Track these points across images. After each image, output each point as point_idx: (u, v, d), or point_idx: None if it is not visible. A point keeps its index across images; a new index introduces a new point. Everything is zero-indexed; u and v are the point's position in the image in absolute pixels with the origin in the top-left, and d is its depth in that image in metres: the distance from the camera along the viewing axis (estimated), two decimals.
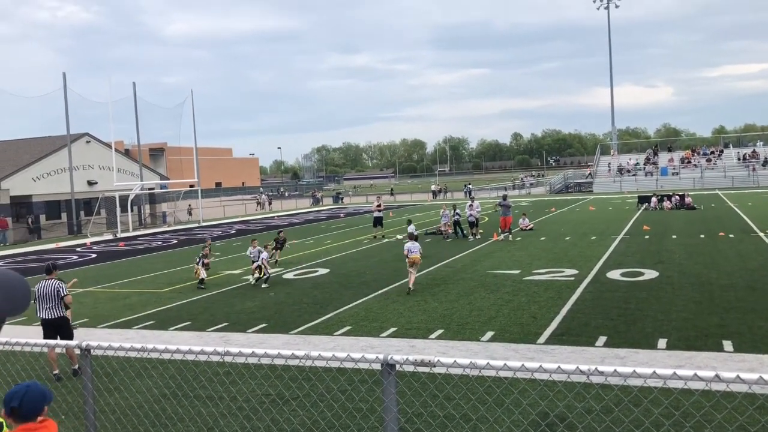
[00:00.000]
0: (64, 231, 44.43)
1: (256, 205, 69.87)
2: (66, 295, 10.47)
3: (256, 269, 18.02)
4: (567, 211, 40.91)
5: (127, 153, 61.25)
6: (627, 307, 12.88)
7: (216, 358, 9.36)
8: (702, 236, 23.95)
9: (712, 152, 69.60)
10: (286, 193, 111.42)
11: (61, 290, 10.41)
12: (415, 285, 15.81)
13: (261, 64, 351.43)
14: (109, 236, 41.16)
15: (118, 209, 43.27)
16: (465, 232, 27.57)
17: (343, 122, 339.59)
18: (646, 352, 9.88)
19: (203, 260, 18.41)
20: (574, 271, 17.47)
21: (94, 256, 29.63)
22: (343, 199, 77.51)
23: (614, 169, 68.08)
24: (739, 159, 65.93)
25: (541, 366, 3.79)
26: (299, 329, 12.67)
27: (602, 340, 10.67)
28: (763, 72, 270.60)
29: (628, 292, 14.35)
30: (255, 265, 18.14)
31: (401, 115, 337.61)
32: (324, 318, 13.48)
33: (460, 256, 21.72)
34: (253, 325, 13.26)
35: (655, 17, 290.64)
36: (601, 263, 18.70)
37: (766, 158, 64.24)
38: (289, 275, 19.36)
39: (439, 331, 11.84)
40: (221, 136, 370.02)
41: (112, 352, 4.93)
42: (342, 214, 49.57)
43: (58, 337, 10.12)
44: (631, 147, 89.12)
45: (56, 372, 10.23)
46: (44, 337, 10.14)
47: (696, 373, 3.47)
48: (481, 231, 27.97)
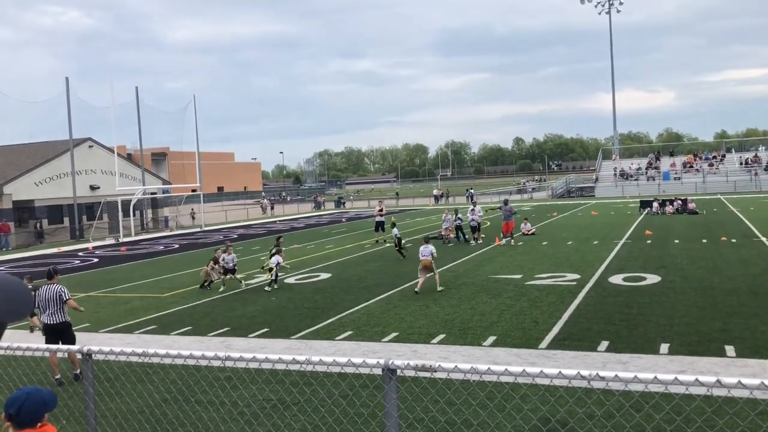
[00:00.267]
0: (66, 236, 44.51)
1: (261, 210, 69.66)
2: (68, 299, 10.49)
3: (225, 275, 18.43)
4: (569, 215, 40.88)
5: (130, 157, 61.33)
6: (629, 312, 12.85)
7: (217, 363, 9.35)
8: (704, 241, 23.92)
9: (714, 157, 69.53)
10: (288, 198, 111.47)
11: (63, 295, 10.43)
12: (422, 288, 16.03)
13: (263, 69, 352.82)
14: (111, 241, 41.20)
15: (120, 214, 43.32)
16: (467, 237, 27.56)
17: (346, 127, 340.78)
18: (648, 357, 9.85)
19: (215, 263, 18.93)
20: (576, 276, 17.45)
21: (96, 260, 29.65)
22: (344, 203, 77.53)
23: (617, 174, 68.04)
24: (741, 163, 65.84)
25: (543, 371, 3.79)
26: (300, 334, 12.65)
27: (604, 345, 10.65)
28: (765, 76, 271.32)
29: (630, 297, 14.32)
30: (229, 274, 18.47)
31: (403, 120, 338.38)
32: (325, 323, 13.47)
33: (461, 260, 21.70)
34: (254, 329, 13.25)
35: (657, 22, 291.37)
36: (603, 268, 18.68)
37: None
38: (291, 280, 19.36)
39: (441, 336, 11.82)
40: (223, 140, 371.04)
41: (114, 356, 4.93)
42: (344, 219, 49.58)
43: (60, 341, 10.12)
44: (633, 151, 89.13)
45: (57, 377, 10.23)
46: (46, 342, 10.14)
47: (697, 379, 3.46)
48: (483, 235, 27.95)
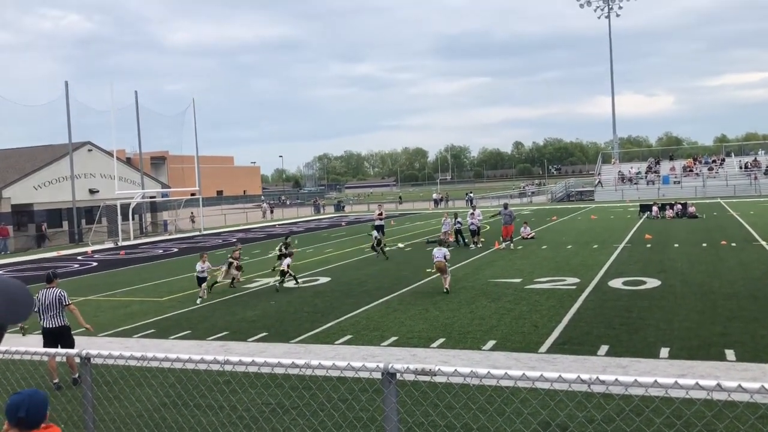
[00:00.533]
0: (65, 239, 44.48)
1: (261, 213, 69.55)
2: (68, 304, 10.49)
3: (201, 286, 17.73)
4: (568, 219, 40.87)
5: (129, 161, 61.34)
6: (629, 316, 12.84)
7: (216, 367, 9.32)
8: (704, 245, 23.91)
9: (714, 161, 69.55)
10: (288, 202, 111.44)
11: (63, 299, 10.43)
12: (450, 286, 16.61)
13: (263, 73, 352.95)
14: (110, 244, 41.18)
15: (120, 217, 43.31)
16: (466, 241, 27.56)
17: (345, 131, 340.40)
18: (648, 361, 9.84)
19: (234, 262, 19.44)
20: (576, 280, 17.44)
21: (95, 264, 29.63)
22: (344, 207, 77.53)
23: (616, 178, 68.06)
24: (741, 168, 65.88)
25: (542, 375, 3.77)
26: (300, 338, 12.64)
27: (604, 349, 10.63)
28: (765, 81, 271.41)
29: (630, 301, 14.31)
30: (210, 281, 18.07)
31: (403, 124, 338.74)
32: (325, 327, 13.45)
33: (461, 264, 21.67)
34: (253, 333, 13.23)
35: (656, 26, 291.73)
36: (602, 272, 18.66)
37: None
38: (290, 284, 19.34)
39: (441, 340, 11.81)
40: (223, 144, 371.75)
41: (112, 360, 4.92)
42: (343, 223, 49.57)
43: (60, 345, 10.10)
44: (633, 155, 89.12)
45: (56, 381, 10.20)
46: (44, 346, 10.12)
47: (698, 382, 3.45)
48: (483, 239, 27.95)
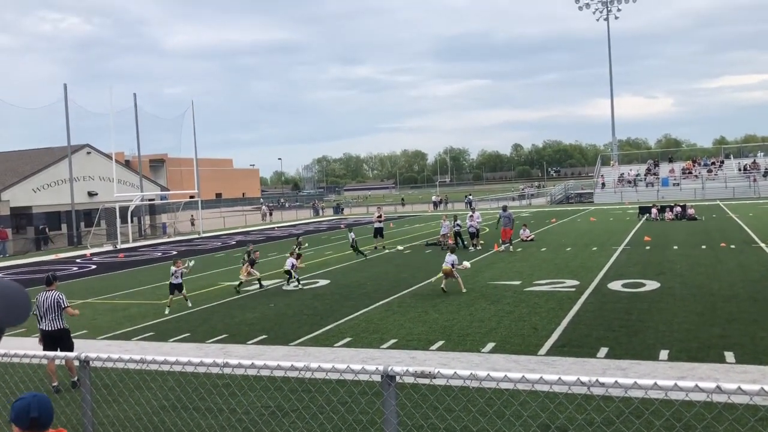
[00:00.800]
0: (64, 242, 44.44)
1: (261, 216, 69.47)
2: (66, 307, 10.47)
3: (172, 294, 16.76)
4: (568, 221, 40.88)
5: (128, 164, 61.38)
6: (628, 318, 12.84)
7: (215, 370, 9.32)
8: (703, 247, 23.92)
9: (713, 163, 69.63)
10: (287, 204, 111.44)
11: (62, 302, 10.41)
12: (465, 287, 16.93)
13: (262, 75, 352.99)
14: (109, 247, 41.16)
15: (118, 220, 43.31)
16: (465, 243, 27.56)
17: (344, 133, 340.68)
18: (647, 364, 9.83)
19: (252, 263, 19.73)
20: (576, 282, 17.43)
21: (94, 267, 29.61)
22: (343, 209, 77.52)
23: (615, 180, 68.10)
24: (740, 170, 65.96)
25: (542, 377, 3.77)
26: (299, 341, 12.62)
27: (604, 351, 10.62)
28: (763, 83, 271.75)
29: (630, 303, 14.31)
30: (176, 291, 16.83)
31: (402, 126, 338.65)
32: (324, 329, 13.44)
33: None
34: (252, 336, 13.22)
35: (655, 28, 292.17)
36: (602, 274, 18.66)
37: (767, 169, 64.27)
38: (289, 286, 19.33)
39: (440, 343, 11.80)
40: (222, 146, 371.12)
41: (111, 363, 4.91)
42: (342, 225, 49.55)
43: (58, 348, 10.08)
44: (632, 158, 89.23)
45: (55, 384, 10.18)
46: (44, 349, 10.11)
47: (697, 385, 3.44)
48: (482, 242, 27.95)
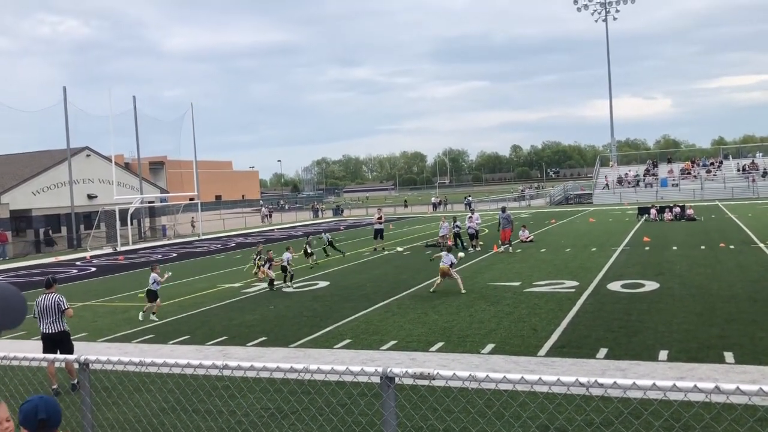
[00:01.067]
0: (63, 245, 44.43)
1: (261, 218, 69.38)
2: (67, 309, 10.47)
3: (155, 300, 16.12)
4: (567, 222, 40.90)
5: (127, 166, 61.38)
6: (628, 319, 12.84)
7: (215, 372, 9.31)
8: (702, 247, 23.93)
9: (712, 163, 69.68)
10: (286, 206, 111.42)
11: (62, 304, 10.42)
12: (464, 287, 16.95)
13: (261, 77, 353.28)
14: (109, 250, 41.16)
15: (118, 223, 43.28)
16: (465, 244, 27.57)
17: (343, 135, 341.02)
18: (647, 364, 9.83)
19: (269, 263, 20.09)
20: (575, 283, 17.44)
21: (94, 269, 29.60)
22: (343, 211, 77.53)
23: (613, 181, 68.12)
24: (739, 170, 66.01)
25: (541, 378, 3.77)
26: (299, 342, 12.62)
27: (603, 352, 10.63)
28: (761, 83, 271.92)
29: (629, 304, 14.31)
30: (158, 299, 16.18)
31: (401, 128, 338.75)
32: (324, 331, 13.44)
33: (460, 268, 21.64)
34: (252, 338, 13.22)
35: (653, 29, 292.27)
36: (601, 275, 18.67)
37: (766, 169, 64.28)
38: (289, 288, 19.33)
39: (440, 344, 11.80)
40: (221, 148, 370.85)
41: (111, 366, 4.91)
42: (342, 227, 49.55)
43: (59, 351, 10.08)
44: (631, 158, 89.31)
45: (55, 386, 10.18)
46: (44, 352, 10.11)
47: (696, 385, 3.45)
48: (481, 243, 27.96)
